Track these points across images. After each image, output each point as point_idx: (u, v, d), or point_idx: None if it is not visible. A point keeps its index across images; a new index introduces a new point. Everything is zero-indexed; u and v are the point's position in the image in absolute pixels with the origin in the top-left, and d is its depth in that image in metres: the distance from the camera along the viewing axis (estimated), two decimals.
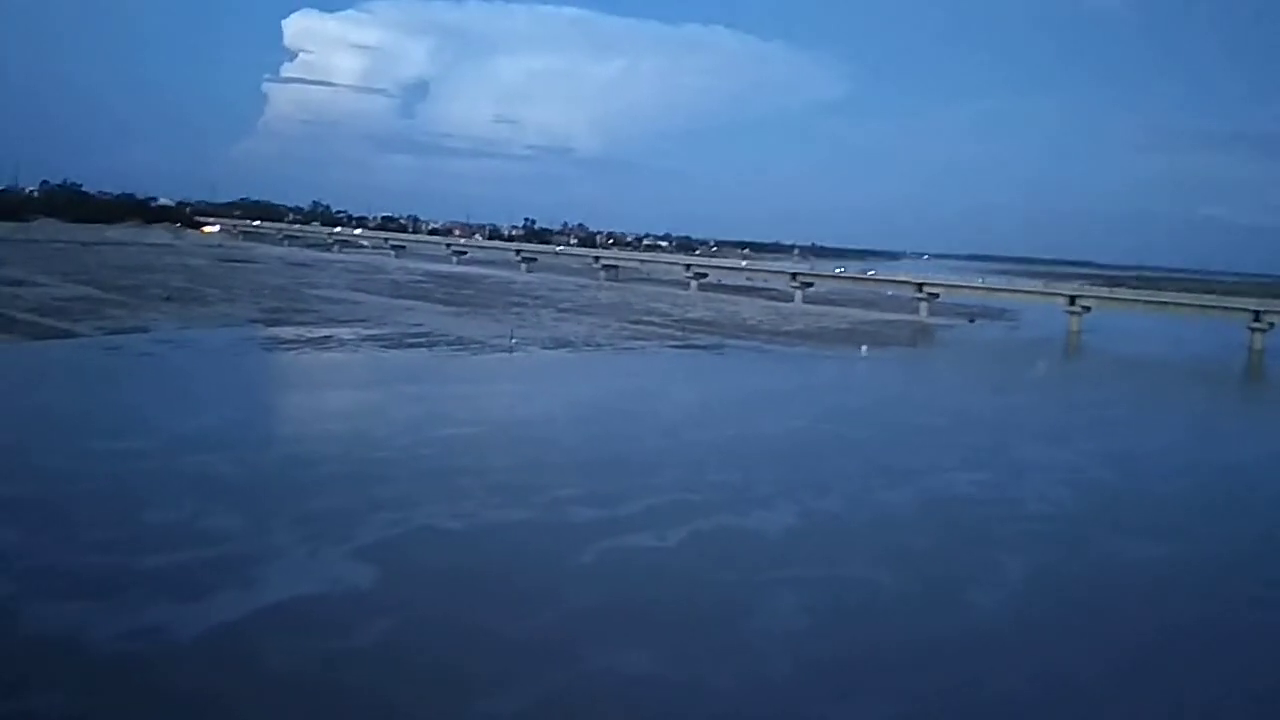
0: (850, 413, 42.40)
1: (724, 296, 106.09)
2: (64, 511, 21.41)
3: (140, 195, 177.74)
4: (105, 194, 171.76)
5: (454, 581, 19.31)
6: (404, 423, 33.41)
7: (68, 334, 46.94)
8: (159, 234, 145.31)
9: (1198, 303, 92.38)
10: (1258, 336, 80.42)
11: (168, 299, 64.68)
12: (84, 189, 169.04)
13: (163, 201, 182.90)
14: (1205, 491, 32.37)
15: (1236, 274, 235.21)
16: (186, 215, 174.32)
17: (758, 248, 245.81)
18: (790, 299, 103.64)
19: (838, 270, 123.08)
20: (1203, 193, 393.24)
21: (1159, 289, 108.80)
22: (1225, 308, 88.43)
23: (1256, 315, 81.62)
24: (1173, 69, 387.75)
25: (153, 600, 16.89)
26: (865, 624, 18.77)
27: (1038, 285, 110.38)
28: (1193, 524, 27.96)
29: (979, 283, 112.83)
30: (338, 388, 41.86)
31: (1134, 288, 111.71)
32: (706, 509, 24.73)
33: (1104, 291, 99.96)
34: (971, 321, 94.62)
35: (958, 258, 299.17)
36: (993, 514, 26.95)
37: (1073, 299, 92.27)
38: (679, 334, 67.51)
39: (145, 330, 50.22)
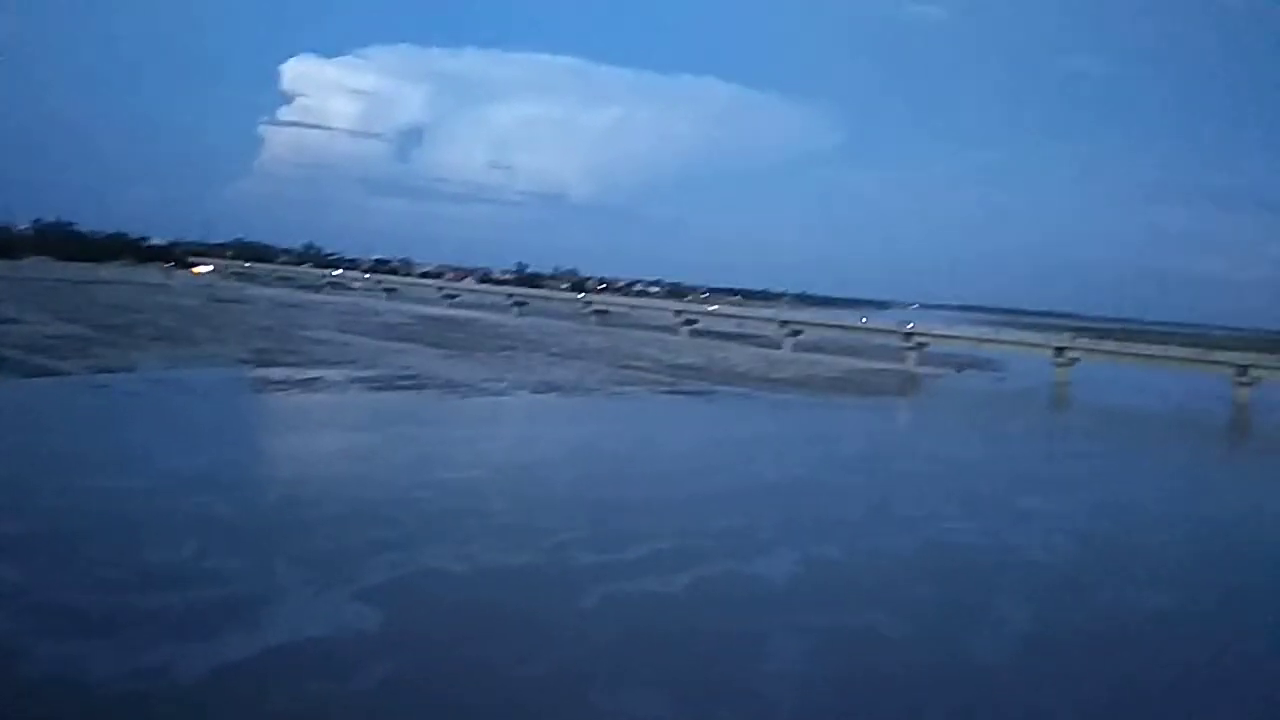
0: (843, 461, 42.53)
1: (714, 342, 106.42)
2: (51, 550, 21.19)
3: (133, 235, 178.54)
4: (98, 233, 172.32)
5: (459, 623, 19.35)
6: (393, 466, 33.33)
7: (55, 372, 46.79)
8: (150, 273, 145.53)
9: (1183, 356, 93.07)
10: (1242, 391, 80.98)
11: (157, 338, 64.62)
12: (77, 228, 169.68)
13: (155, 241, 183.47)
14: (1191, 540, 33.04)
15: (1223, 327, 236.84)
16: (179, 255, 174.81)
17: (748, 294, 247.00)
18: (779, 346, 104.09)
19: (862, 320, 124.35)
20: (1190, 246, 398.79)
21: (1146, 341, 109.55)
22: (1210, 361, 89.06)
23: (1241, 370, 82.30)
24: (1161, 126, 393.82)
25: (152, 642, 16.80)
26: (867, 667, 18.96)
27: (1025, 336, 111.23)
28: (1181, 572, 28.58)
29: (967, 333, 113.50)
30: (326, 429, 41.71)
31: (1121, 340, 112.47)
32: (708, 555, 24.88)
33: (1091, 343, 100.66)
34: (959, 371, 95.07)
35: (948, 307, 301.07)
36: (990, 561, 27.33)
37: (1060, 350, 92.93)
38: (668, 380, 67.63)
39: (133, 369, 50.10)
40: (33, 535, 22.22)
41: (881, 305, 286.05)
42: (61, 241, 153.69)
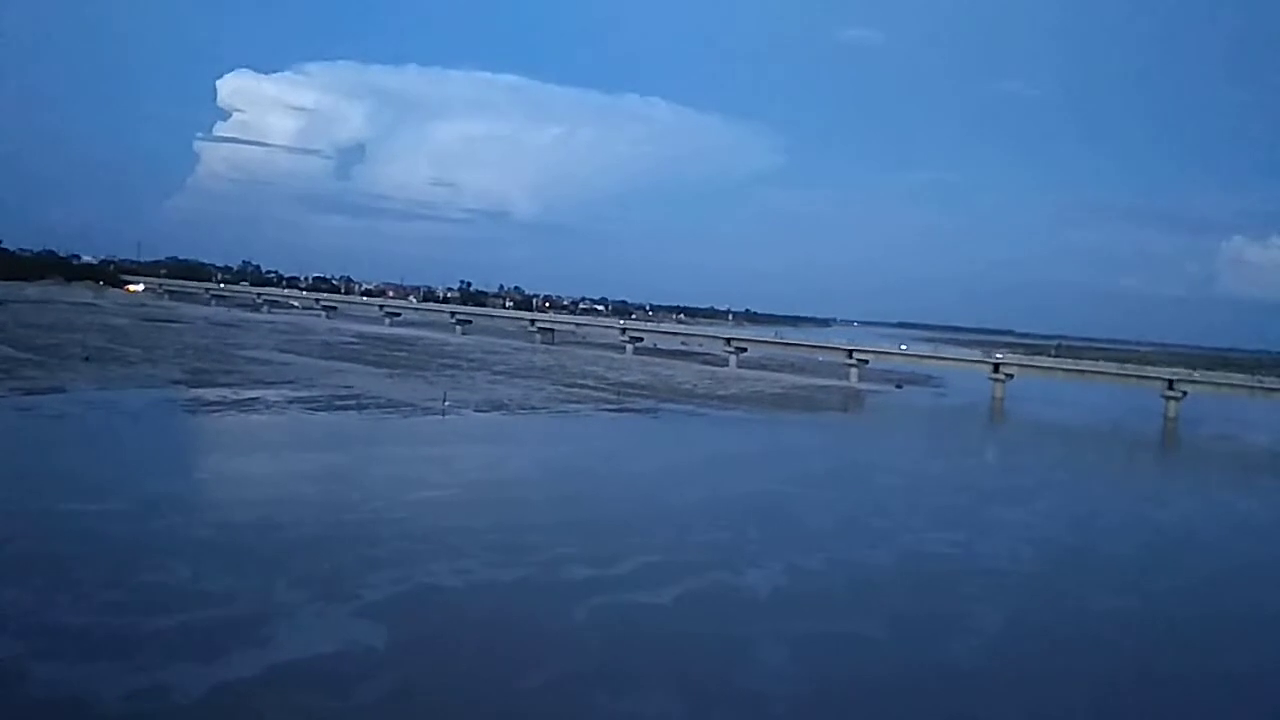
0: (790, 476, 42.62)
1: (659, 360, 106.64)
2: None
3: (63, 253, 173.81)
4: (25, 251, 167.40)
5: (458, 634, 19.78)
6: (329, 490, 32.63)
7: None
8: (80, 292, 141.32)
9: (1115, 371, 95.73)
10: (1172, 404, 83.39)
11: (87, 359, 62.62)
12: (3, 245, 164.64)
13: (86, 259, 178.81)
14: (1143, 545, 35.13)
15: (1152, 343, 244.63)
16: (110, 273, 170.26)
17: (693, 312, 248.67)
18: (725, 363, 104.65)
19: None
20: (1121, 265, 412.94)
21: (1078, 357, 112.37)
22: (1141, 376, 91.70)
23: (1170, 384, 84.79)
24: (1092, 149, 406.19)
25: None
26: (850, 665, 20.09)
27: (963, 353, 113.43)
28: (1137, 575, 30.26)
29: (907, 350, 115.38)
30: (263, 452, 40.61)
31: (1054, 355, 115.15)
32: (682, 567, 25.32)
33: (1026, 359, 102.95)
34: (899, 387, 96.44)
35: (887, 325, 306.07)
36: (952, 569, 28.29)
37: (996, 366, 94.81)
38: (614, 398, 67.51)
39: (62, 391, 48.42)
40: None
41: (823, 322, 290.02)
42: None
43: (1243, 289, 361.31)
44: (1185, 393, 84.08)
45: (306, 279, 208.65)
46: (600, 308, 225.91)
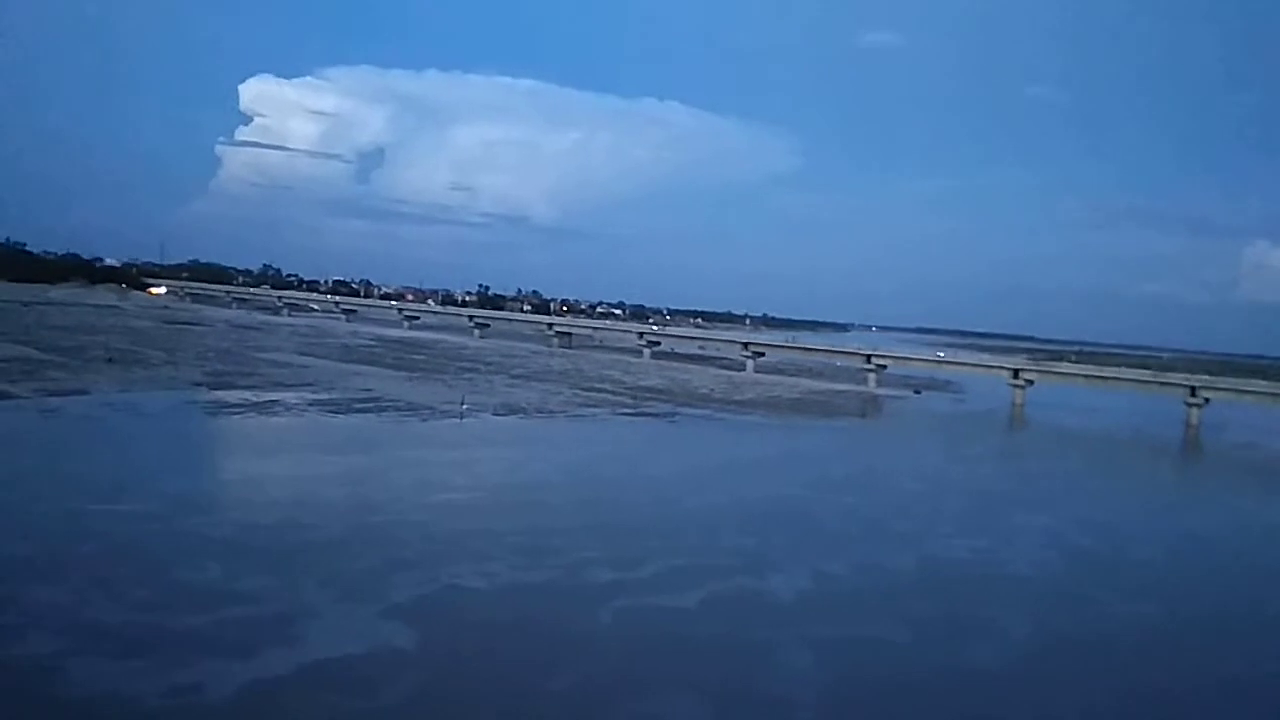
0: (809, 481, 42.57)
1: (677, 365, 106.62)
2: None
3: (86, 255, 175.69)
4: (50, 254, 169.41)
5: (483, 635, 19.91)
6: (348, 492, 32.82)
7: (2, 395, 45.53)
8: (103, 294, 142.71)
9: (1136, 378, 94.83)
10: (1194, 412, 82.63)
11: (110, 361, 63.17)
12: (28, 248, 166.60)
13: (109, 262, 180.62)
14: (1167, 552, 35.13)
15: (1173, 349, 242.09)
16: (133, 276, 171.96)
17: (710, 317, 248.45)
18: (742, 368, 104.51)
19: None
20: (1142, 271, 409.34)
21: (1098, 363, 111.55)
22: (1162, 383, 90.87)
23: (1192, 391, 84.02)
24: (1112, 153, 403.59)
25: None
26: (874, 670, 20.15)
27: (982, 358, 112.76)
28: (1160, 583, 30.21)
29: (925, 355, 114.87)
30: (284, 454, 40.89)
31: (1074, 362, 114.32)
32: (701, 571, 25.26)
33: (1046, 366, 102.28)
34: (918, 393, 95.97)
35: (905, 330, 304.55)
36: (975, 575, 28.44)
37: (1016, 372, 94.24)
38: (631, 402, 67.53)
39: (85, 393, 48.89)
40: None
41: (841, 327, 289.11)
42: (11, 262, 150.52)
43: (1267, 295, 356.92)
44: (1208, 400, 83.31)
45: (326, 282, 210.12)
46: (618, 312, 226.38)
